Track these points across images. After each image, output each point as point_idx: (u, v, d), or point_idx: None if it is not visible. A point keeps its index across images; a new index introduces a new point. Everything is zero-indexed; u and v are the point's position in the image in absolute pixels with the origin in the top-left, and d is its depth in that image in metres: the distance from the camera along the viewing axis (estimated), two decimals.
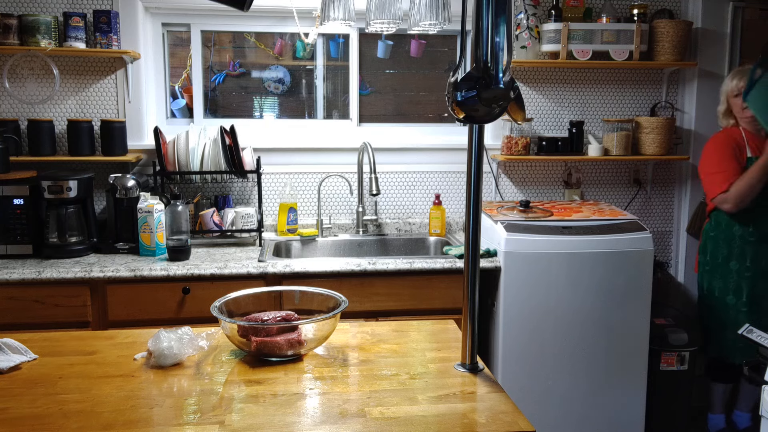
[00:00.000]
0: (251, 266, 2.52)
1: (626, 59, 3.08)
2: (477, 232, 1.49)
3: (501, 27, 1.31)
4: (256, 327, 1.52)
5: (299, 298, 1.77)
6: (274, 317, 1.56)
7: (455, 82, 1.38)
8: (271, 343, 1.51)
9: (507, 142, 3.14)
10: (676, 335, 2.94)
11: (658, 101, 3.32)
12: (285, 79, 3.30)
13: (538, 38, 3.10)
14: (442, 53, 3.38)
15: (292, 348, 1.52)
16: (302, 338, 1.53)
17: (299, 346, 1.53)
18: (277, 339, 1.51)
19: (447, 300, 2.60)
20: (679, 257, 3.42)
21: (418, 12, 2.73)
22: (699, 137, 3.32)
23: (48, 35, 2.77)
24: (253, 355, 1.56)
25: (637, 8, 3.12)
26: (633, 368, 2.75)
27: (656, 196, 3.41)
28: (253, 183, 3.10)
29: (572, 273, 2.66)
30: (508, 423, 1.26)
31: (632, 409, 2.77)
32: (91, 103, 3.00)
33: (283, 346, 1.51)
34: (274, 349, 1.51)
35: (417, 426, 1.23)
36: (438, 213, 3.10)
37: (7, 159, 2.70)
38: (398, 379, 1.44)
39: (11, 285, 2.41)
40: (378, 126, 3.32)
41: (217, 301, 1.64)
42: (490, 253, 2.71)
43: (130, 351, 1.61)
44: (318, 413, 1.29)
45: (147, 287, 2.48)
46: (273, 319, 1.55)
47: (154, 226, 2.64)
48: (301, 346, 1.54)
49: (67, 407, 1.31)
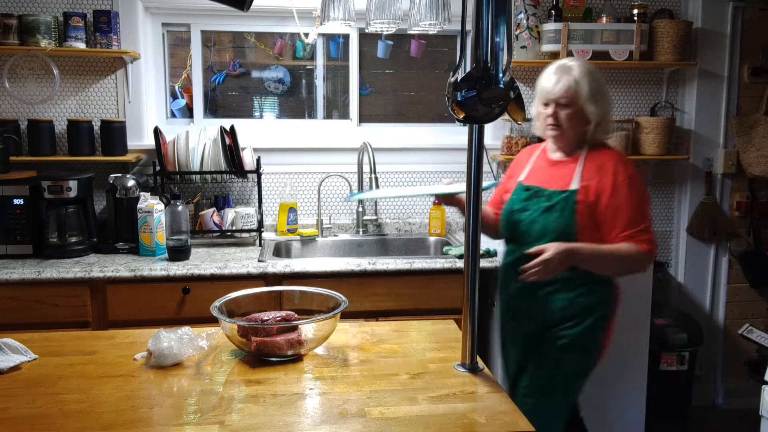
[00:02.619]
0: (251, 266, 2.52)
1: (626, 59, 3.08)
2: (477, 232, 1.49)
3: (501, 27, 1.31)
4: (256, 327, 1.52)
5: (299, 298, 1.77)
6: (274, 317, 1.56)
7: (455, 82, 1.38)
8: (271, 343, 1.51)
9: (507, 142, 3.14)
10: (676, 335, 2.94)
11: (658, 101, 3.32)
12: (285, 79, 3.30)
13: (538, 38, 3.10)
14: (442, 53, 3.38)
15: (292, 348, 1.52)
16: (302, 338, 1.53)
17: (299, 346, 1.53)
18: (277, 339, 1.52)
19: (447, 300, 2.60)
20: (679, 257, 3.42)
21: (418, 12, 2.73)
22: (699, 137, 3.32)
23: (48, 35, 2.77)
24: (253, 355, 1.56)
25: (637, 8, 3.12)
26: (633, 368, 2.74)
27: (656, 196, 3.40)
28: (253, 183, 3.10)
29: None
30: (508, 423, 1.26)
31: (632, 409, 2.77)
32: (91, 103, 3.00)
33: (283, 346, 1.51)
34: (274, 349, 1.51)
35: (417, 426, 1.23)
36: (438, 213, 3.10)
37: (7, 159, 2.70)
38: (398, 379, 1.44)
39: (11, 285, 2.41)
40: (378, 126, 3.32)
41: (217, 301, 1.64)
42: (490, 253, 2.71)
43: (130, 351, 1.61)
44: (318, 413, 1.29)
45: (147, 287, 2.48)
46: (273, 319, 1.55)
47: (154, 226, 2.64)
48: (301, 346, 1.54)
49: (67, 407, 1.31)
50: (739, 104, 3.32)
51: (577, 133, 2.01)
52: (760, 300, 3.46)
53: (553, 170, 2.06)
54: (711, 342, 3.39)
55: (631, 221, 1.91)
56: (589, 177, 1.97)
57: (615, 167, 1.96)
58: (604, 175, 1.95)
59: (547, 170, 2.08)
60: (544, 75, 2.03)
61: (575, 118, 1.98)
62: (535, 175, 2.11)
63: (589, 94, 1.96)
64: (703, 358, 3.38)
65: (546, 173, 2.08)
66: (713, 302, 3.43)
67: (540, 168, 2.11)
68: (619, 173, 1.95)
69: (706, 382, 3.45)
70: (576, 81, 1.95)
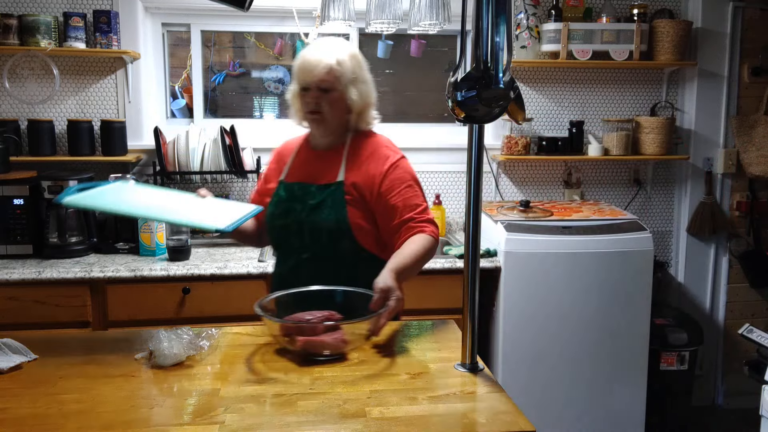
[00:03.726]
0: (251, 266, 2.52)
1: (626, 59, 3.08)
2: (477, 232, 1.49)
3: (501, 27, 1.31)
4: (302, 326, 1.52)
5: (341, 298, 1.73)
6: (317, 316, 1.56)
7: (455, 82, 1.38)
8: (318, 343, 1.51)
9: (507, 142, 3.14)
10: (676, 335, 2.94)
11: (658, 101, 3.32)
12: (285, 79, 3.30)
13: (538, 38, 3.10)
14: (442, 53, 3.38)
15: (338, 347, 1.52)
16: (346, 337, 1.54)
17: (344, 345, 1.53)
18: (324, 338, 1.52)
19: (447, 300, 2.59)
20: (679, 257, 3.42)
21: (418, 12, 2.73)
22: (699, 137, 3.32)
23: (48, 35, 2.77)
24: (298, 354, 1.55)
25: (637, 8, 3.12)
26: (633, 368, 2.74)
27: (656, 196, 3.40)
28: (253, 183, 3.10)
29: (572, 273, 2.66)
30: (508, 423, 1.26)
31: (632, 409, 2.77)
32: (91, 103, 3.00)
33: (330, 346, 1.51)
34: (320, 348, 1.51)
35: (417, 426, 1.23)
36: (438, 213, 3.10)
37: (7, 159, 2.70)
38: (398, 379, 1.44)
39: (11, 285, 2.41)
40: (378, 126, 3.31)
41: (260, 300, 1.62)
42: (490, 253, 2.71)
43: (130, 351, 1.61)
44: (318, 413, 1.29)
45: (147, 287, 2.48)
46: (317, 318, 1.55)
47: (154, 226, 2.64)
48: (346, 345, 1.54)
49: (67, 407, 1.31)
50: (739, 104, 3.32)
51: (341, 121, 1.85)
52: (760, 300, 3.46)
53: (318, 163, 1.88)
54: (711, 342, 3.39)
55: (409, 206, 1.79)
56: (356, 166, 1.83)
57: (382, 153, 1.85)
58: (372, 162, 1.83)
59: (313, 163, 1.89)
60: (302, 55, 1.83)
61: (337, 104, 1.81)
62: (299, 170, 1.91)
63: (351, 78, 1.81)
64: (703, 358, 3.38)
65: (311, 167, 1.89)
66: (713, 302, 3.43)
67: (304, 162, 1.92)
68: (388, 158, 1.83)
69: (706, 382, 3.45)
70: (339, 62, 1.79)
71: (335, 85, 1.79)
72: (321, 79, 1.78)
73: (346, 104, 1.82)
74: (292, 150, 1.97)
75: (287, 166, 1.93)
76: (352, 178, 1.81)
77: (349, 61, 1.81)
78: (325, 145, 1.89)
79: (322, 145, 1.90)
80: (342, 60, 1.79)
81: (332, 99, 1.80)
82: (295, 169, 1.91)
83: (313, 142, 1.94)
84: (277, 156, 2.02)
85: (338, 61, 1.79)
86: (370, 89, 1.89)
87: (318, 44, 1.85)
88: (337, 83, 1.79)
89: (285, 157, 1.97)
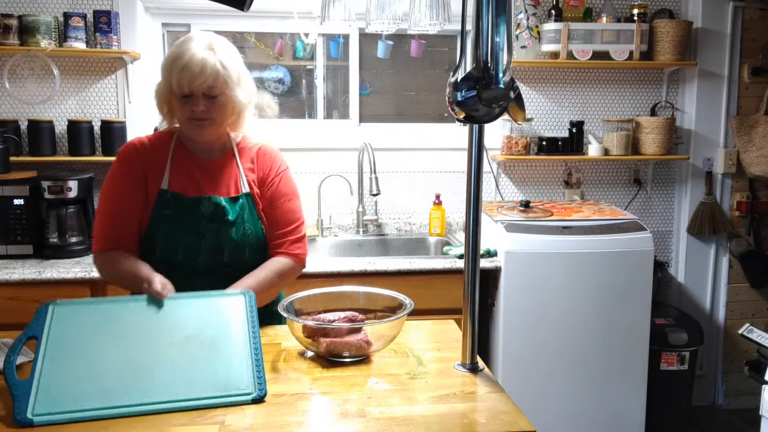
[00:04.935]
0: None
1: (626, 59, 3.08)
2: (477, 232, 1.49)
3: (501, 27, 1.31)
4: (326, 328, 1.52)
5: (363, 299, 1.73)
6: (340, 318, 1.56)
7: (455, 82, 1.38)
8: (342, 344, 1.51)
9: (507, 142, 3.14)
10: (676, 335, 2.94)
11: (658, 101, 3.32)
12: (285, 79, 3.30)
13: (538, 38, 3.10)
14: (442, 53, 3.38)
15: (361, 349, 1.52)
16: (369, 339, 1.54)
17: (368, 347, 1.53)
18: (348, 339, 1.52)
19: (447, 300, 2.59)
20: (679, 257, 3.42)
21: (418, 12, 2.73)
22: (699, 137, 3.32)
23: (48, 35, 2.77)
24: (322, 356, 1.55)
25: (637, 8, 3.12)
26: (633, 368, 2.74)
27: (656, 196, 3.41)
28: None
29: (572, 273, 2.66)
30: (509, 423, 1.26)
31: (632, 409, 2.77)
32: (91, 103, 3.00)
33: (353, 347, 1.51)
34: (344, 350, 1.51)
35: (417, 426, 1.23)
36: (438, 213, 3.10)
37: (7, 159, 2.70)
38: (398, 379, 1.44)
39: (11, 285, 2.41)
40: (378, 126, 3.32)
41: (284, 300, 1.61)
42: (490, 253, 2.71)
43: None
44: (318, 413, 1.29)
45: None
46: (340, 320, 1.55)
47: None
48: (369, 347, 1.54)
49: None
50: (739, 104, 3.32)
51: (225, 126, 1.70)
52: (760, 300, 3.46)
53: (212, 172, 1.71)
54: (711, 342, 3.39)
55: (288, 219, 1.73)
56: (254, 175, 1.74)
57: (272, 160, 1.77)
58: (265, 170, 1.75)
59: (206, 172, 1.71)
60: (180, 57, 1.58)
61: (225, 109, 1.65)
62: (188, 181, 1.70)
63: (236, 79, 1.64)
64: (703, 358, 3.39)
65: (205, 176, 1.71)
66: (713, 302, 3.43)
67: (188, 170, 1.71)
68: (280, 166, 1.78)
69: (706, 382, 3.45)
70: (223, 65, 1.60)
71: (223, 90, 1.62)
72: (209, 86, 1.59)
73: (232, 107, 1.67)
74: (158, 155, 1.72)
75: (165, 175, 1.69)
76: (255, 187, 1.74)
77: (230, 60, 1.63)
78: (213, 151, 1.74)
79: (211, 152, 1.74)
80: (225, 62, 1.61)
81: (220, 104, 1.63)
82: (182, 179, 1.69)
83: (194, 148, 1.73)
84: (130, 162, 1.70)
85: (222, 64, 1.60)
86: (252, 84, 1.73)
87: (192, 44, 1.61)
88: (225, 88, 1.62)
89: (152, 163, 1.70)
